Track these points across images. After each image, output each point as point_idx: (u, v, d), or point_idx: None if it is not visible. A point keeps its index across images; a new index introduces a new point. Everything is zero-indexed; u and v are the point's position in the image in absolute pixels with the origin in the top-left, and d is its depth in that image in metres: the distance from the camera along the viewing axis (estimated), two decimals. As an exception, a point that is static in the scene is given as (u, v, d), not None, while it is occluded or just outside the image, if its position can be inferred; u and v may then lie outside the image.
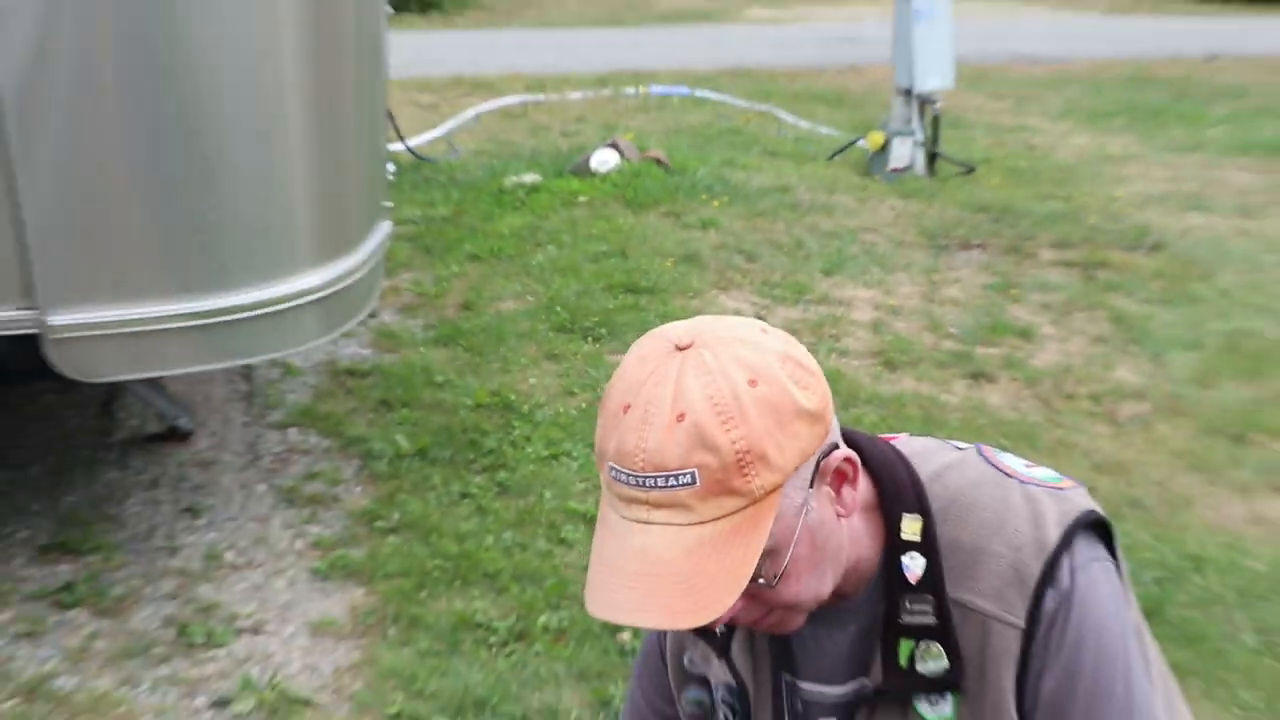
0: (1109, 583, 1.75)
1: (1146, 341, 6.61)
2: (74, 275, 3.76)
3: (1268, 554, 4.52)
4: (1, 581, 4.16)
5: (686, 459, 1.54)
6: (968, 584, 1.75)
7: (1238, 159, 10.99)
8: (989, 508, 1.77)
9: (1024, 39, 18.51)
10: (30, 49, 3.58)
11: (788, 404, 1.59)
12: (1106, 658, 1.72)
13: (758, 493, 1.57)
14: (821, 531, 1.68)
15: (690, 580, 1.57)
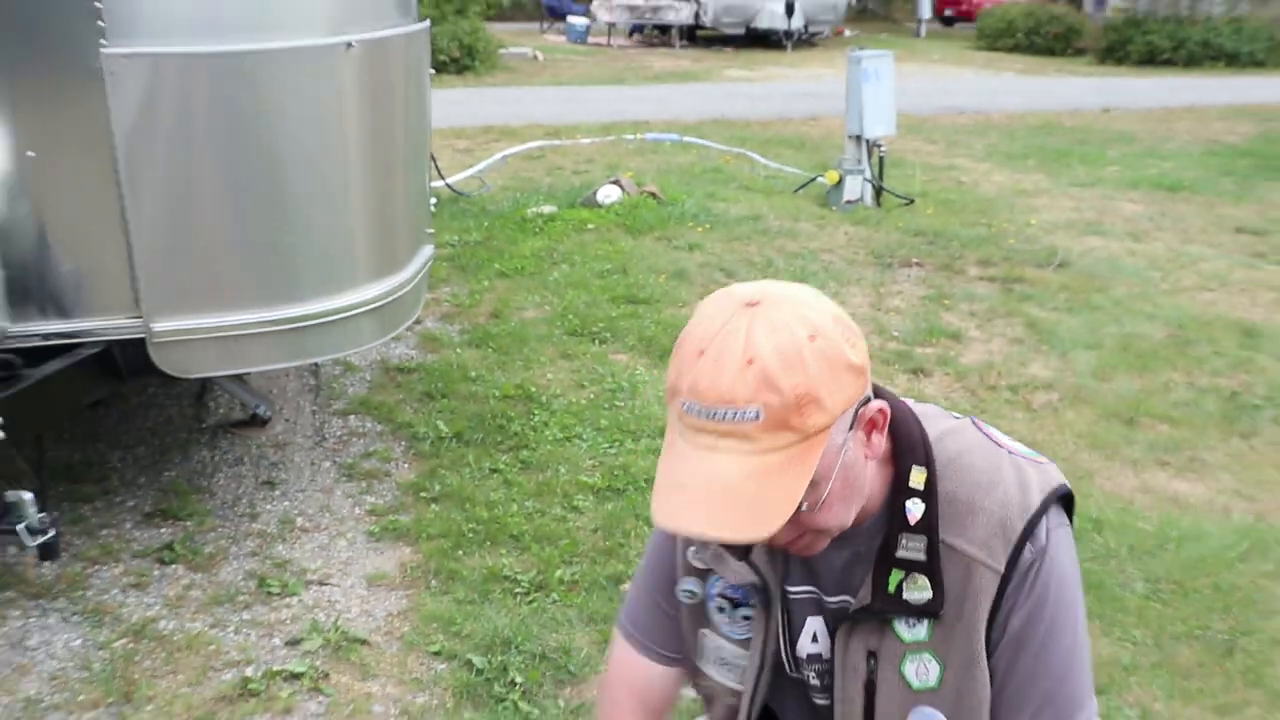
0: (1072, 547, 1.79)
1: (1054, 343, 6.62)
2: (173, 290, 3.77)
3: (1154, 517, 4.53)
4: (113, 542, 4.17)
5: (754, 397, 1.56)
6: (958, 531, 1.76)
7: (1128, 193, 11.00)
8: (983, 470, 1.79)
9: (952, 95, 18.51)
10: (137, 106, 3.59)
11: (840, 358, 1.61)
12: (1065, 605, 1.75)
13: (810, 430, 1.59)
14: (853, 470, 1.70)
15: (751, 500, 1.58)
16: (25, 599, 3.82)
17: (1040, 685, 1.76)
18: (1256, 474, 5.07)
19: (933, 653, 1.79)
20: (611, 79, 21.27)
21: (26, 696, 3.35)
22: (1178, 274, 8.24)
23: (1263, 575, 4.12)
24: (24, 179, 3.64)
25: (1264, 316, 7.31)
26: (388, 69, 4.22)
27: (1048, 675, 1.76)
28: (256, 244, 3.89)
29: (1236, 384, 6.12)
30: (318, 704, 3.35)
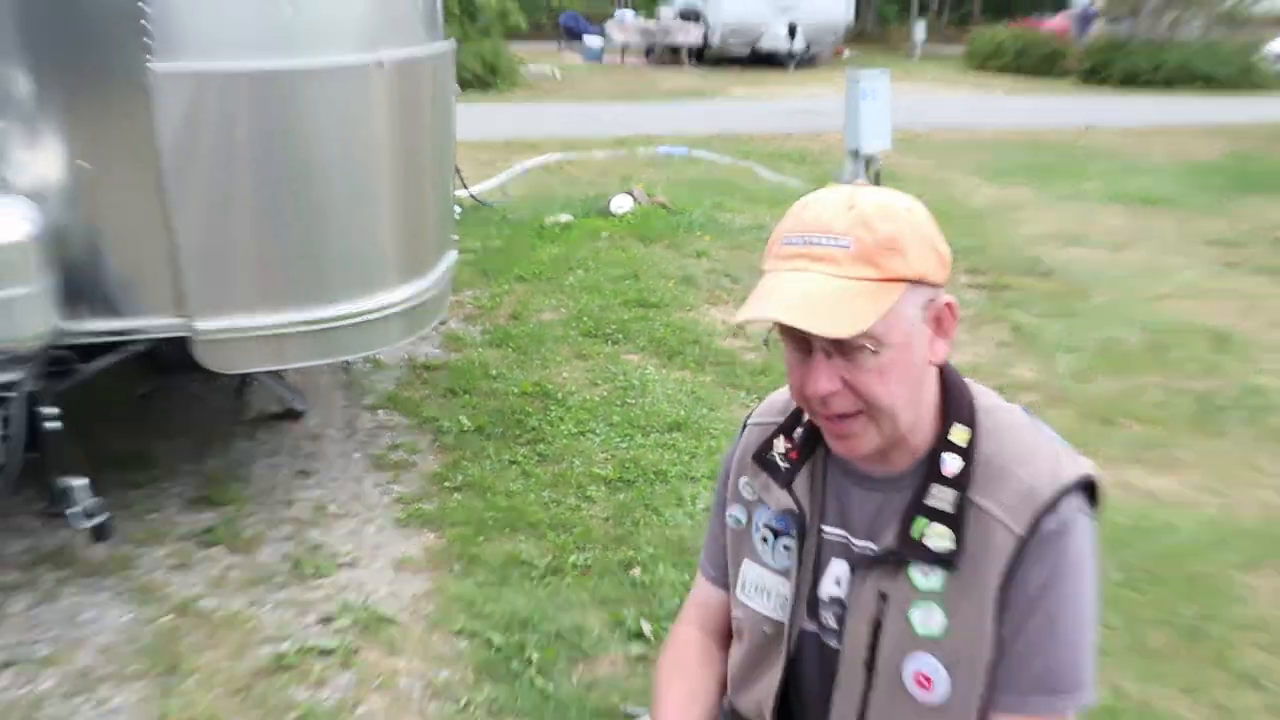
0: (1091, 537, 1.76)
1: (1038, 346, 6.62)
2: (215, 292, 3.78)
3: (1130, 511, 4.53)
4: (160, 525, 4.19)
5: (849, 230, 1.65)
6: (988, 493, 1.75)
7: (1108, 206, 10.98)
8: (1024, 444, 1.79)
9: (944, 113, 18.48)
10: (181, 120, 3.60)
11: (929, 234, 1.72)
12: (1080, 579, 1.74)
13: (890, 273, 1.65)
14: (917, 355, 1.73)
15: (830, 306, 1.63)
16: (79, 577, 3.85)
17: (1042, 655, 1.74)
18: (1225, 471, 5.07)
19: (941, 603, 1.76)
20: (625, 96, 21.27)
21: (80, 667, 3.37)
22: (1154, 283, 8.23)
23: (1229, 565, 4.13)
24: (77, 188, 3.65)
25: (1234, 324, 7.29)
26: (416, 86, 4.24)
27: (1050, 647, 1.74)
28: (292, 249, 3.90)
29: (1208, 387, 6.10)
30: (348, 678, 3.36)
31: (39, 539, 4.07)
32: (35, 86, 3.54)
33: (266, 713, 3.18)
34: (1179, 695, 3.36)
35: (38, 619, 3.63)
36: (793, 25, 28.10)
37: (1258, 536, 4.36)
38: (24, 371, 3.46)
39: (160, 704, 3.21)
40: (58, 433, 3.44)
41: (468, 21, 21.51)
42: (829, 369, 1.69)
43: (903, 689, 1.80)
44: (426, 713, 3.22)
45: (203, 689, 3.28)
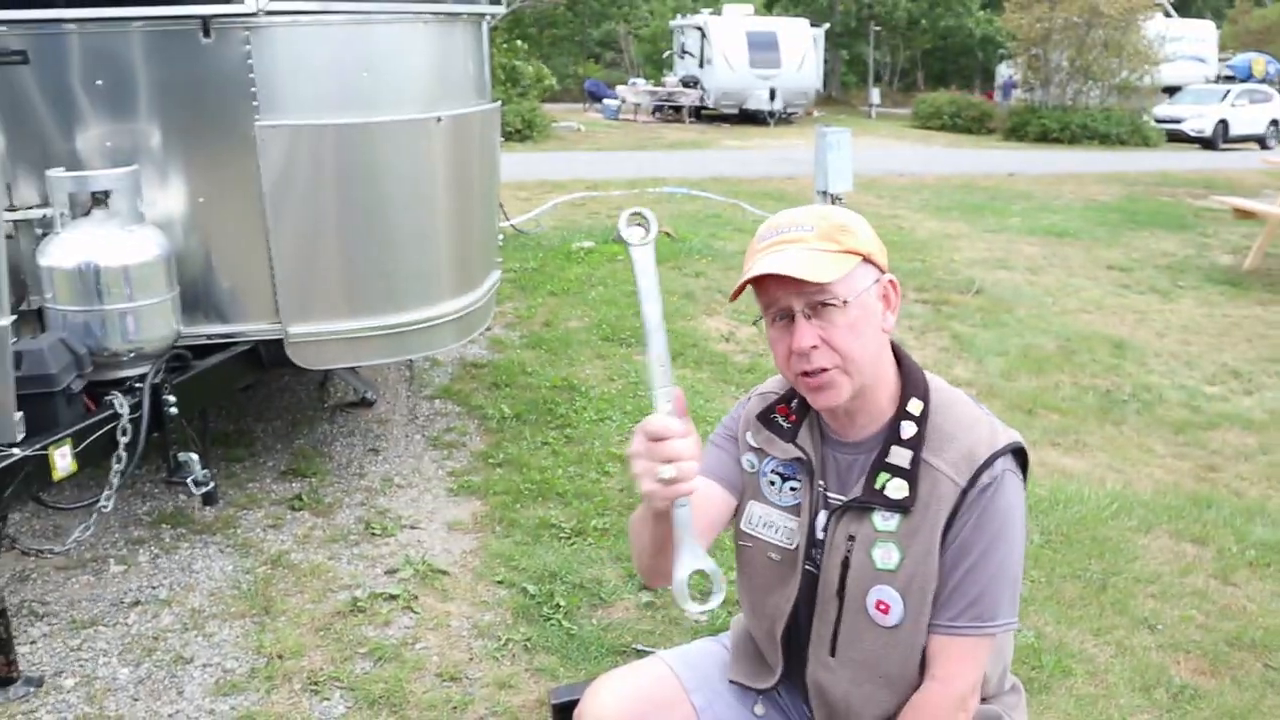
0: (1021, 491, 1.80)
1: (972, 351, 6.58)
2: (305, 303, 3.77)
3: (1048, 485, 4.49)
4: (257, 492, 4.15)
5: (810, 221, 1.78)
6: (937, 452, 1.79)
7: (1028, 238, 10.93)
8: (967, 415, 1.83)
9: (895, 161, 18.44)
10: (279, 164, 3.60)
11: (874, 234, 1.83)
12: (1006, 527, 1.76)
13: (848, 246, 1.76)
14: (874, 322, 1.80)
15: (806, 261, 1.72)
16: (192, 534, 3.82)
17: (973, 585, 1.76)
18: (1124, 453, 5.03)
19: (897, 542, 1.79)
20: (636, 146, 21.25)
21: (192, 607, 3.34)
22: (1065, 300, 8.20)
23: (1128, 529, 4.08)
24: (195, 218, 3.67)
25: (1129, 333, 7.28)
26: (468, 137, 4.21)
27: (980, 579, 1.76)
28: (367, 268, 3.88)
29: (1109, 384, 6.08)
30: (409, 619, 3.33)
31: (160, 502, 4.04)
32: (165, 139, 3.59)
33: (342, 647, 3.15)
34: (1089, 636, 3.32)
35: (159, 567, 3.60)
36: (773, 90, 28.16)
37: (1150, 506, 4.33)
38: (151, 366, 3.44)
39: (257, 638, 3.17)
40: (176, 416, 3.41)
41: (510, 86, 21.51)
42: (809, 328, 1.74)
43: (865, 614, 1.83)
44: (473, 649, 3.17)
45: (291, 626, 3.25)
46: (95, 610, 3.32)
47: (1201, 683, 3.10)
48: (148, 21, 3.43)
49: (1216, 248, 10.83)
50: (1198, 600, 3.58)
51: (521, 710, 2.86)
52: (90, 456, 3.08)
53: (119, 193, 3.43)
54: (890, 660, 1.81)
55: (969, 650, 1.77)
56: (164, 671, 3.01)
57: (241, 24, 3.46)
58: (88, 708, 2.84)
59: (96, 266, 3.31)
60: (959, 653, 1.77)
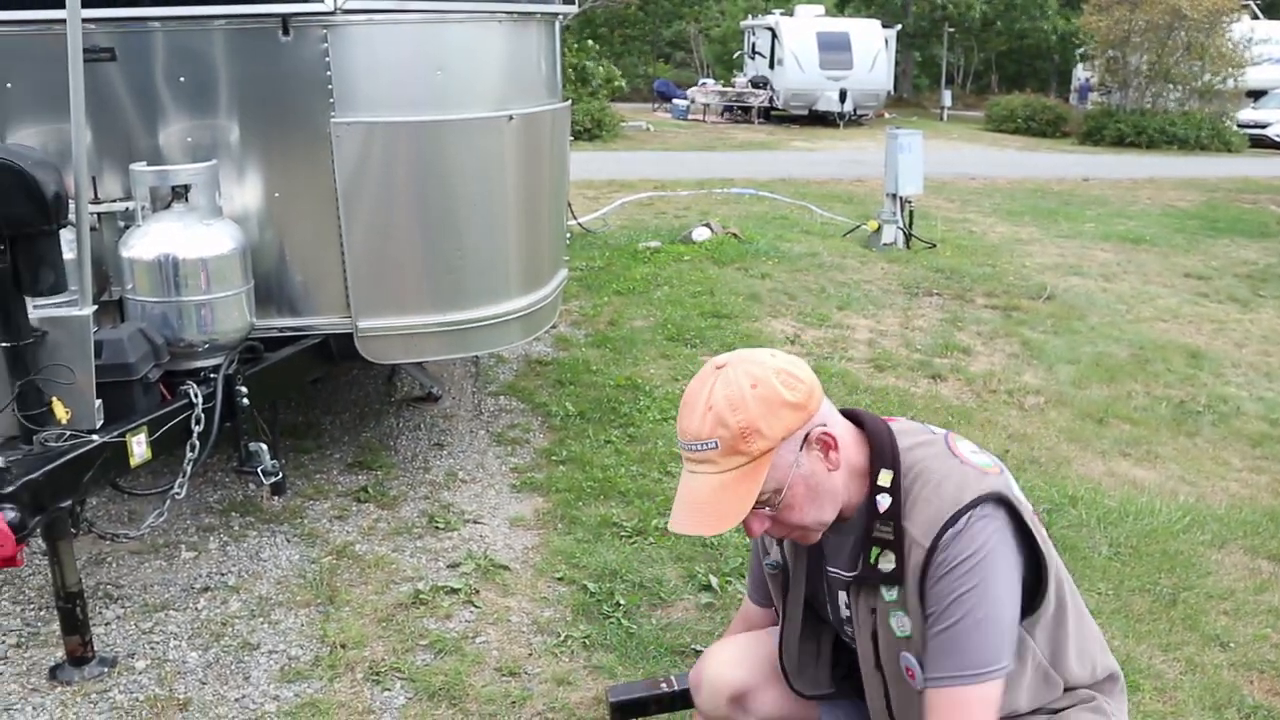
0: (991, 533, 1.75)
1: (1042, 358, 6.48)
2: (375, 298, 3.81)
3: (1118, 495, 4.42)
4: (324, 484, 4.22)
5: (711, 433, 1.73)
6: (910, 517, 1.80)
7: (1101, 244, 10.77)
8: (937, 475, 1.81)
9: (967, 164, 18.22)
10: (354, 161, 3.65)
11: (776, 400, 1.73)
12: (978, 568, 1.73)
13: (755, 453, 1.72)
14: (814, 478, 1.79)
15: (713, 507, 1.74)
16: (260, 523, 3.89)
17: (950, 637, 1.75)
18: (1197, 465, 4.94)
19: (903, 610, 1.82)
20: (705, 146, 21.24)
21: (260, 595, 3.41)
22: (1139, 308, 8.06)
23: (1200, 544, 4.00)
24: (270, 214, 3.73)
25: (1206, 343, 7.13)
26: (538, 136, 4.23)
27: (957, 630, 1.75)
28: (437, 264, 3.92)
29: (1184, 394, 5.96)
30: (470, 613, 3.36)
31: (230, 491, 4.13)
32: (243, 135, 3.65)
33: (404, 638, 3.19)
34: (1158, 652, 3.26)
35: (228, 554, 3.67)
36: (843, 91, 27.95)
37: (1224, 520, 4.24)
38: (225, 357, 3.50)
39: (321, 627, 3.23)
40: (247, 407, 3.48)
41: (580, 85, 21.59)
42: (758, 516, 1.79)
43: (904, 681, 1.88)
44: (532, 644, 3.20)
45: (355, 616, 3.29)
46: (167, 595, 3.40)
47: (1276, 704, 3.03)
48: (229, 20, 3.50)
49: (1299, 257, 10.58)
50: (1273, 619, 3.50)
51: (579, 707, 2.88)
52: (165, 444, 3.15)
53: (198, 187, 3.50)
54: None
55: (959, 701, 1.75)
56: (231, 657, 3.07)
57: (320, 22, 3.52)
58: (158, 689, 2.91)
59: (175, 259, 3.39)
60: (948, 705, 1.75)
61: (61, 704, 2.84)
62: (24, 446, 2.77)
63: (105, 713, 2.81)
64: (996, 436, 5.08)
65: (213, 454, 3.45)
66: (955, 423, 5.19)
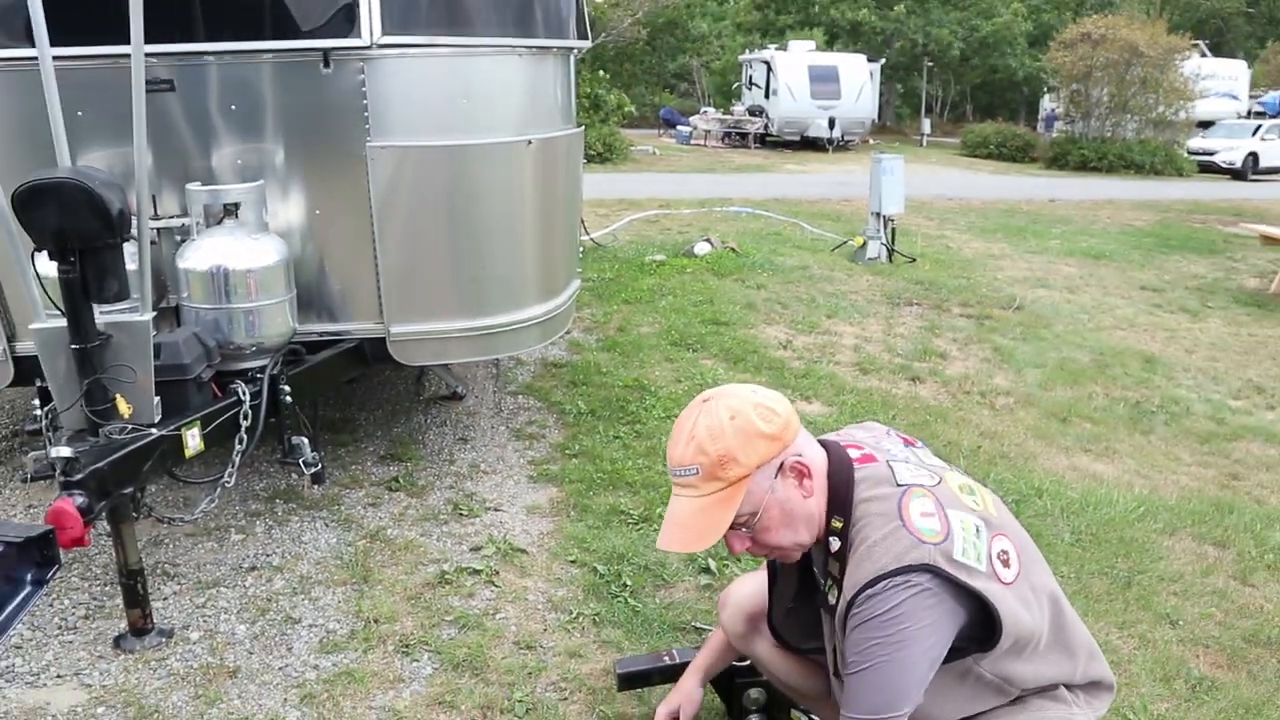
0: (906, 598, 1.72)
1: (1012, 362, 6.48)
2: (406, 306, 3.82)
3: (1079, 487, 4.42)
4: (359, 474, 4.23)
5: (692, 460, 1.77)
6: (847, 570, 1.81)
7: (1066, 259, 10.76)
8: (876, 535, 1.78)
9: (944, 186, 18.21)
10: (387, 181, 3.66)
11: (752, 431, 1.77)
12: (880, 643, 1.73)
13: (732, 479, 1.76)
14: (788, 504, 1.82)
15: (693, 527, 1.77)
16: (301, 509, 3.90)
17: (851, 680, 1.78)
18: (1151, 460, 4.94)
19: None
20: (706, 169, 21.23)
21: (301, 574, 3.42)
22: (1099, 317, 8.06)
23: (1153, 531, 4.01)
24: (311, 229, 3.74)
25: (1159, 349, 7.13)
26: (554, 158, 4.24)
27: (860, 685, 1.76)
28: (462, 275, 3.92)
29: (1139, 396, 5.96)
30: (490, 591, 3.37)
31: (275, 480, 4.14)
32: (287, 157, 3.66)
33: (431, 614, 3.20)
34: (1114, 629, 3.26)
35: (272, 537, 3.68)
36: (832, 119, 27.97)
37: (1175, 510, 4.24)
38: (270, 359, 3.52)
39: (356, 603, 3.24)
40: (290, 404, 3.49)
41: (593, 112, 21.61)
42: (738, 537, 1.83)
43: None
44: (547, 620, 3.21)
45: (386, 594, 3.31)
46: (218, 573, 3.41)
47: (1219, 675, 3.04)
48: (276, 54, 3.52)
49: (1244, 272, 10.56)
50: (1217, 599, 3.50)
51: (589, 678, 2.89)
52: (216, 437, 3.16)
53: (247, 205, 3.52)
54: None
55: None
56: (275, 629, 3.09)
57: (357, 56, 3.53)
58: (210, 658, 2.93)
59: (226, 270, 3.41)
60: None
61: (125, 670, 2.86)
62: (91, 439, 2.79)
63: (163, 678, 2.83)
64: (970, 434, 5.07)
65: (259, 446, 3.46)
66: (932, 421, 5.19)
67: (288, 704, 2.73)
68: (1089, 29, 26.26)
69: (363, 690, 2.80)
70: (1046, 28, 36.93)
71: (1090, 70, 25.91)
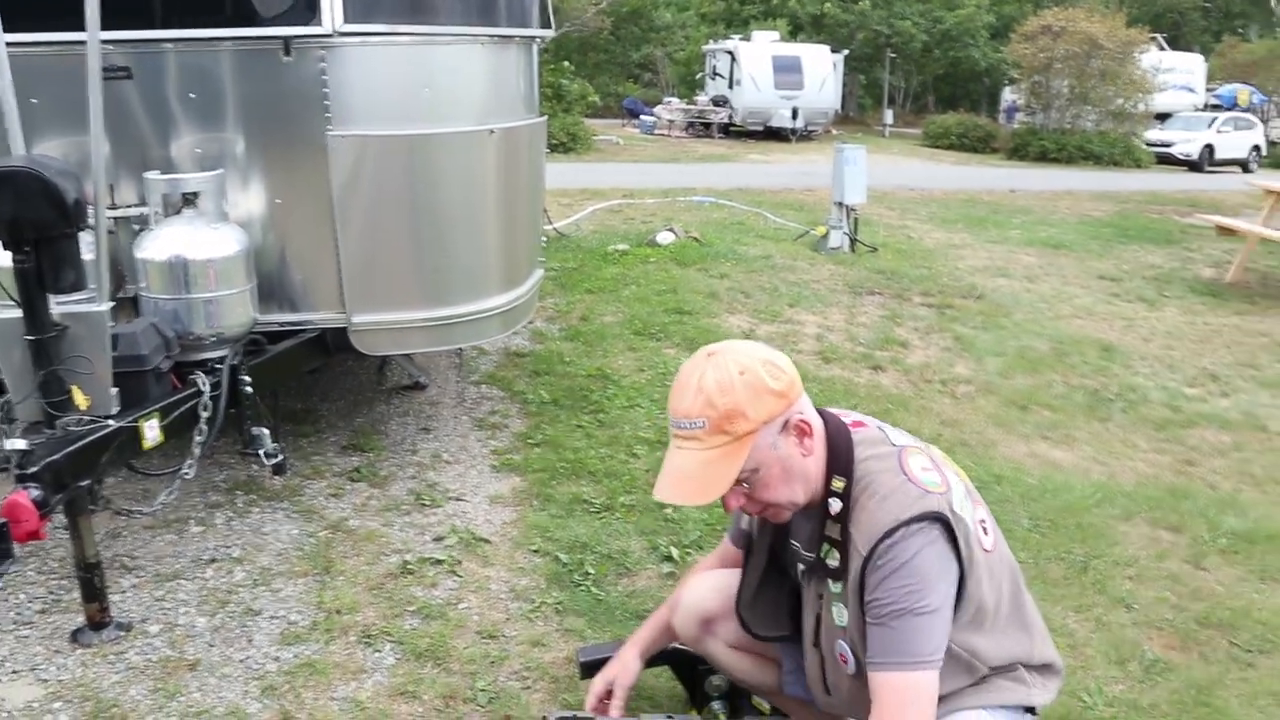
0: (930, 546, 1.77)
1: (972, 351, 6.55)
2: (367, 295, 3.81)
3: (1038, 474, 4.49)
4: (320, 464, 4.21)
5: (700, 412, 1.75)
6: (857, 523, 1.83)
7: (1026, 248, 10.86)
8: (884, 488, 1.83)
9: (906, 177, 18.33)
10: (348, 170, 3.64)
11: (761, 386, 1.76)
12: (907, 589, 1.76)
13: (739, 433, 1.75)
14: (789, 462, 1.82)
15: (698, 479, 1.76)
16: (262, 500, 3.88)
17: (882, 630, 1.79)
18: (1108, 447, 5.01)
19: (843, 603, 1.87)
20: (669, 159, 21.23)
21: (262, 566, 3.40)
22: (1058, 306, 8.15)
23: (1110, 517, 4.08)
24: (272, 218, 3.72)
25: (1117, 338, 7.23)
26: (517, 148, 4.23)
27: (885, 625, 1.79)
28: (424, 264, 3.91)
29: (1097, 384, 6.04)
30: (453, 581, 3.37)
31: (235, 471, 4.11)
32: (247, 146, 3.63)
33: (393, 605, 3.19)
34: (1071, 613, 3.32)
35: (233, 529, 3.66)
36: (795, 109, 28.06)
37: (1131, 496, 4.32)
38: (230, 349, 3.49)
39: (318, 595, 3.23)
40: (251, 394, 3.47)
41: (556, 102, 21.53)
42: (735, 492, 1.83)
43: (836, 663, 1.96)
44: (510, 610, 3.21)
45: (348, 585, 3.30)
46: (177, 565, 3.39)
47: (1172, 657, 3.10)
48: (236, 42, 3.49)
49: (1200, 262, 10.72)
50: (1171, 583, 3.57)
51: (552, 666, 2.90)
52: (175, 429, 3.14)
53: (206, 194, 3.49)
54: (864, 702, 1.86)
55: (898, 686, 1.78)
56: (236, 622, 3.07)
57: (318, 44, 3.51)
58: (170, 651, 2.91)
59: (185, 260, 3.37)
60: (889, 688, 1.79)
61: (82, 664, 2.83)
62: (47, 430, 2.76)
63: (122, 672, 2.80)
64: (931, 422, 5.13)
65: (219, 438, 3.44)
66: (893, 409, 5.24)
67: (249, 696, 2.72)
68: (1049, 21, 26.50)
69: (324, 681, 2.79)
70: (1008, 20, 37.20)
71: (1050, 62, 26.18)
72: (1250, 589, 3.57)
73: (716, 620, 2.25)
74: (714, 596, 2.25)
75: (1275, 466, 4.83)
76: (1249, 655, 3.14)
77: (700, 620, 2.27)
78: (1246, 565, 3.75)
